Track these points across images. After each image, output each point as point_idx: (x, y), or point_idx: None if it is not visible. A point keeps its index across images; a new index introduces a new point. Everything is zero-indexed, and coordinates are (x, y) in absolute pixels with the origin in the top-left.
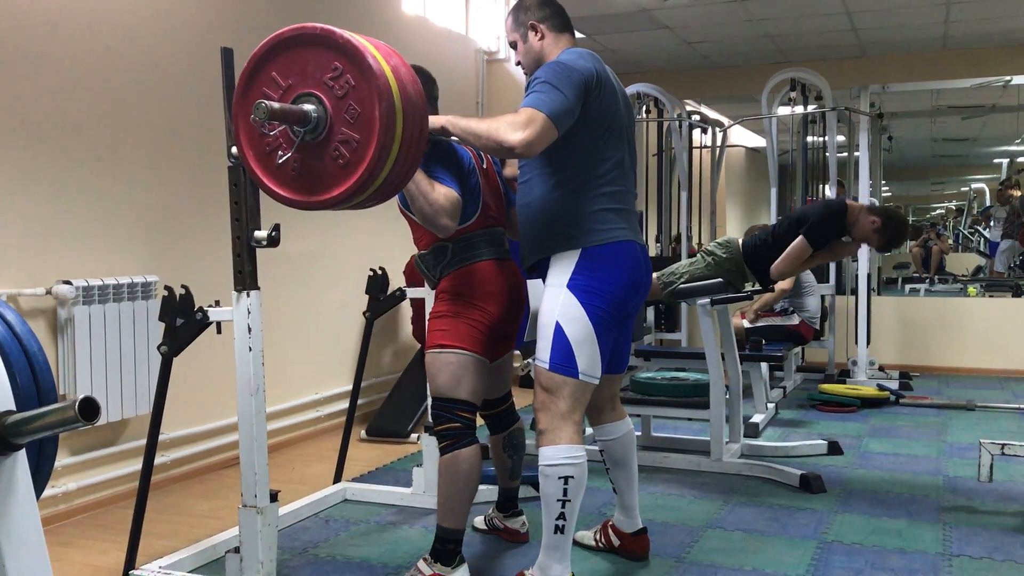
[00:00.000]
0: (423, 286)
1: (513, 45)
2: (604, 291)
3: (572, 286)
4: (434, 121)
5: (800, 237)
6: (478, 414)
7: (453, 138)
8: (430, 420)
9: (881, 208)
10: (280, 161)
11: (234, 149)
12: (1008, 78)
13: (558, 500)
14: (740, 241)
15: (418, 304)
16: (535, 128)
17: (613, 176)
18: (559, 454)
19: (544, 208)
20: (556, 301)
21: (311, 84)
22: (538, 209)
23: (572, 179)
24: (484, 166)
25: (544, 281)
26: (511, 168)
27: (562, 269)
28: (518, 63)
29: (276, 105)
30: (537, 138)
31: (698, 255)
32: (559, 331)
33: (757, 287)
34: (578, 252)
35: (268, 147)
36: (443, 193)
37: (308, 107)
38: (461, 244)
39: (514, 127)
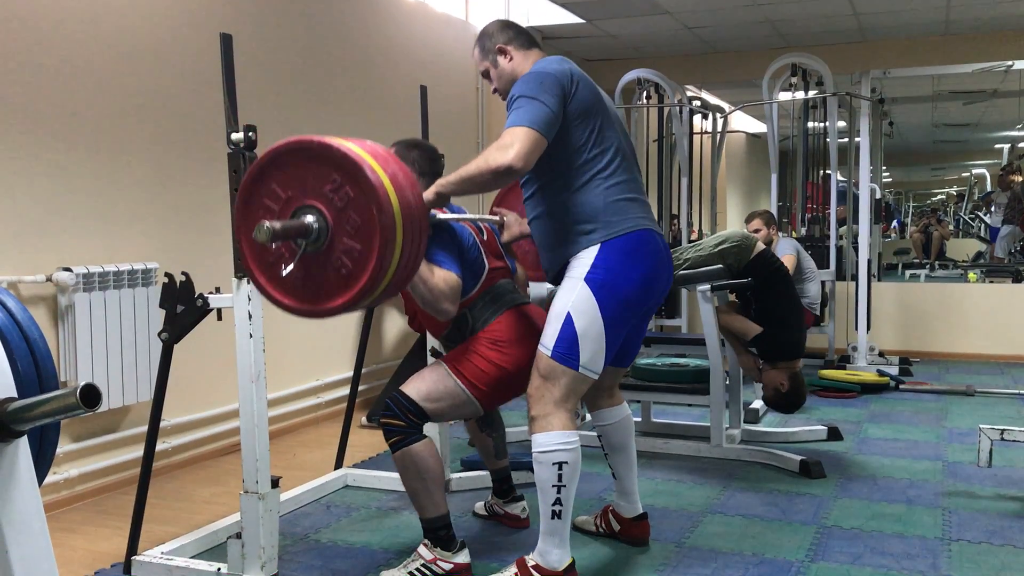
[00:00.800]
0: None
1: (486, 74)
2: (621, 287)
3: (589, 279)
4: (427, 196)
5: (761, 330)
6: None
7: (456, 204)
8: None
9: (799, 383)
10: (284, 274)
11: (234, 135)
12: (1010, 63)
13: (553, 486)
14: (757, 248)
15: None
16: (522, 142)
17: (616, 166)
18: (552, 440)
19: (556, 214)
20: (571, 292)
21: (311, 196)
22: (550, 217)
23: (577, 177)
24: (485, 238)
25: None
26: (510, 232)
27: (581, 263)
28: (495, 91)
29: (278, 225)
30: (528, 150)
31: (705, 241)
32: (568, 321)
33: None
34: (597, 247)
35: (271, 257)
36: (443, 277)
37: (309, 219)
38: (476, 309)
39: (502, 149)
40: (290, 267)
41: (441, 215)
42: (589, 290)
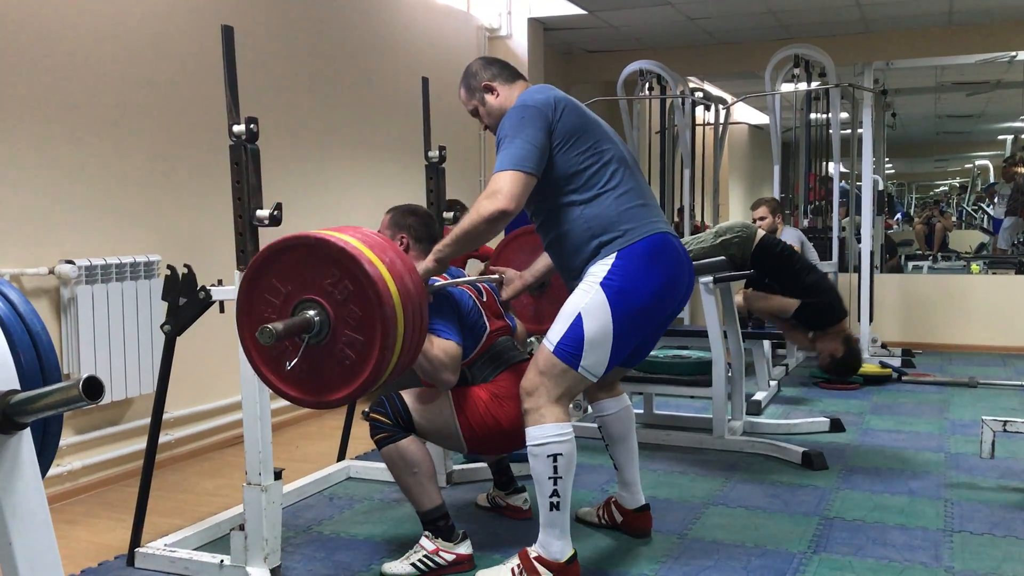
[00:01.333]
0: None
1: (474, 113)
2: (638, 296)
3: (606, 284)
4: (426, 264)
5: (798, 302)
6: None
7: (455, 267)
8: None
9: (852, 347)
10: (288, 368)
11: (236, 127)
12: (1013, 54)
13: (549, 478)
14: (759, 235)
15: None
16: (508, 185)
17: (621, 176)
18: (546, 433)
19: (571, 234)
20: (586, 295)
21: (311, 290)
22: (566, 237)
23: (584, 194)
24: (484, 299)
25: None
26: (512, 288)
27: (600, 268)
28: (485, 128)
29: (280, 327)
30: (516, 192)
31: (707, 233)
32: (578, 322)
33: None
34: (614, 255)
35: (275, 351)
36: (442, 348)
37: (310, 313)
38: (475, 367)
39: (490, 197)
40: (294, 361)
41: (440, 280)
42: (604, 296)
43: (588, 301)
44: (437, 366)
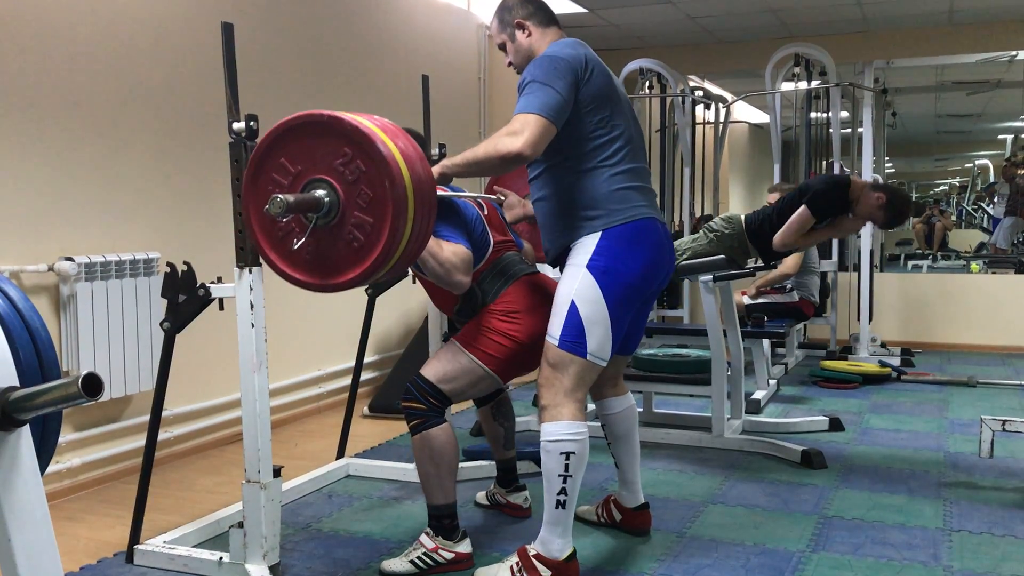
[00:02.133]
0: None
1: (502, 47)
2: (624, 272)
3: (592, 266)
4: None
5: (803, 207)
6: None
7: (454, 184)
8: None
9: (884, 185)
10: (295, 247)
11: (235, 125)
12: (1014, 53)
13: (559, 475)
14: (743, 217)
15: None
16: (531, 129)
17: (624, 154)
18: (561, 430)
19: (560, 198)
20: (574, 280)
21: (321, 170)
22: (555, 200)
23: (584, 163)
24: (486, 212)
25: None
26: (513, 213)
27: (582, 250)
28: (509, 64)
29: (291, 198)
30: (537, 138)
31: (701, 231)
32: (573, 309)
33: (760, 263)
34: (598, 234)
35: (280, 231)
36: (452, 251)
37: (320, 193)
38: (484, 282)
39: (512, 135)
40: (302, 241)
41: (440, 192)
42: (592, 277)
43: (577, 286)
44: (449, 268)
